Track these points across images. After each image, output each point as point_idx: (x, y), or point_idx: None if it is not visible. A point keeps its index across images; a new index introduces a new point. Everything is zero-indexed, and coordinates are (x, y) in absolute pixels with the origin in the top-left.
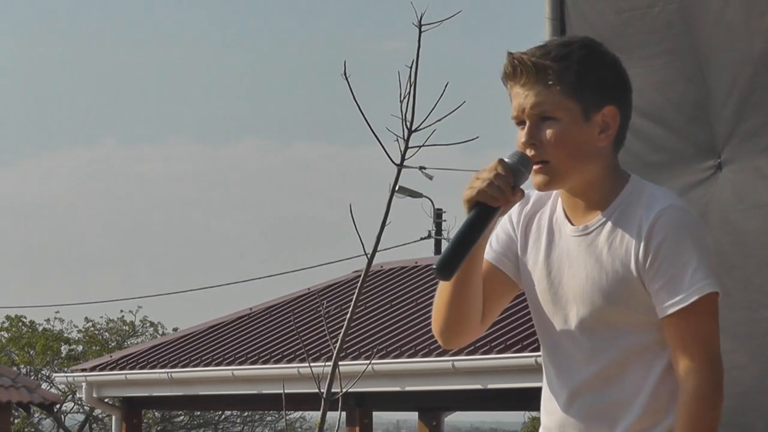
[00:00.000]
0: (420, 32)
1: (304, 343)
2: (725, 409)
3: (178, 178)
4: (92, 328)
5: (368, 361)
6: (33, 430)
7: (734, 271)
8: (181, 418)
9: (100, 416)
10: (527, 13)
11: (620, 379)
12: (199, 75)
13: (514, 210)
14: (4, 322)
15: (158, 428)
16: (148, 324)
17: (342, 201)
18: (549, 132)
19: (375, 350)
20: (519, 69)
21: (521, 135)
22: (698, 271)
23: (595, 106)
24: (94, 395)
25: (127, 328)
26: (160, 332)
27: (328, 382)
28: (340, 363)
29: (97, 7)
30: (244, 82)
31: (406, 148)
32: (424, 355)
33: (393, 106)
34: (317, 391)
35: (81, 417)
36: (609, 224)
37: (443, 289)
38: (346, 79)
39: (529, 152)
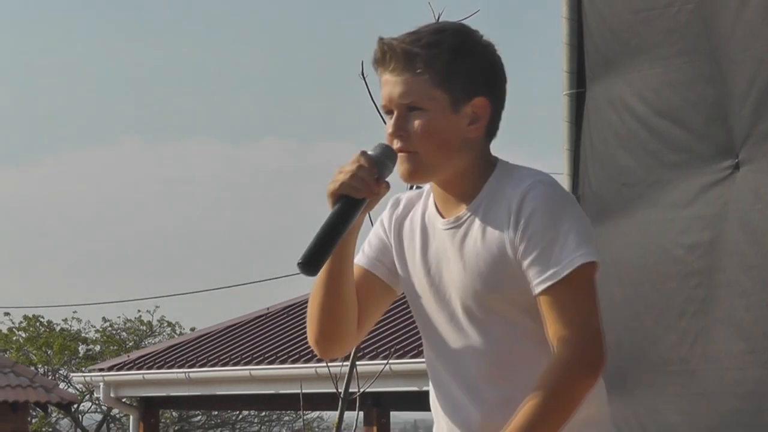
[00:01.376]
0: None
1: None
2: (741, 410)
3: (196, 177)
4: (110, 328)
5: (385, 361)
6: (50, 429)
7: (752, 271)
8: (199, 417)
9: (117, 416)
10: (544, 12)
11: (517, 369)
12: (219, 74)
13: (385, 215)
14: (21, 322)
15: (176, 428)
16: (165, 324)
17: None
18: (416, 123)
19: (392, 350)
20: (388, 55)
21: (388, 126)
22: (569, 243)
23: (465, 98)
24: (112, 395)
25: (144, 327)
26: (178, 332)
27: (345, 381)
28: (357, 363)
29: (113, 4)
30: (264, 82)
31: None
32: None
33: None
34: (335, 390)
35: (98, 417)
36: (480, 211)
37: (316, 292)
38: (364, 78)
39: (396, 144)
